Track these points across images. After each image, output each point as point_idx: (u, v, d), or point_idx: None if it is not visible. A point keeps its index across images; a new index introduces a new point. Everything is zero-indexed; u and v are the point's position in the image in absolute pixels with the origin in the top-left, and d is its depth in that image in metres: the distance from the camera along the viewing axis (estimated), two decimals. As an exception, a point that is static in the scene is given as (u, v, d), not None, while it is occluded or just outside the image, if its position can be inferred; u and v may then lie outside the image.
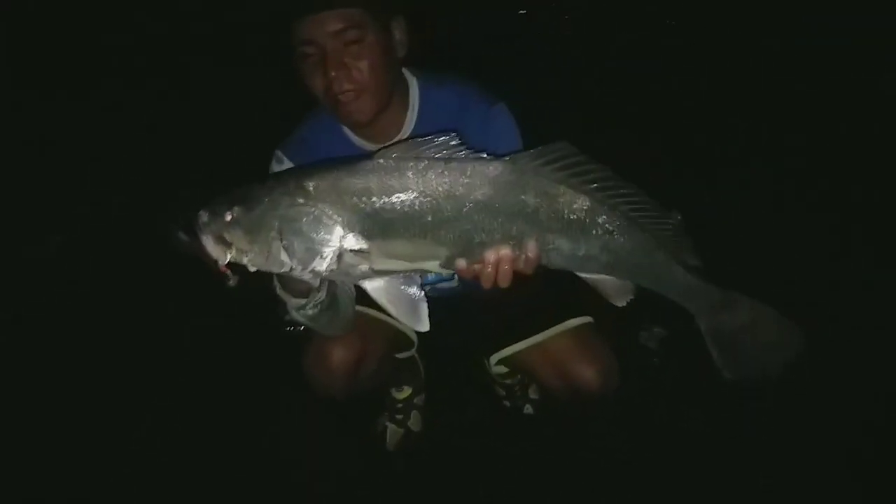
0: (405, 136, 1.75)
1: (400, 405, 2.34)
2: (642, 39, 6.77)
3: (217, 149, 4.50)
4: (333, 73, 1.56)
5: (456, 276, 1.97)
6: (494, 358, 2.08)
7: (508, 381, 2.38)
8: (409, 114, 1.78)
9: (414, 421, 2.35)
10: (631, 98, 5.99)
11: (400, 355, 2.23)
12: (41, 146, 4.71)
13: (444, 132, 1.22)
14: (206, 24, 6.20)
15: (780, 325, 1.47)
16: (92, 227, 3.78)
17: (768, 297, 1.45)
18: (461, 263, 1.29)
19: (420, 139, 1.22)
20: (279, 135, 1.88)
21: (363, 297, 1.82)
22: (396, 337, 2.08)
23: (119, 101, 5.47)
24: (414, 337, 2.15)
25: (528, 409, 2.40)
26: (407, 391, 2.35)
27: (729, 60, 6.05)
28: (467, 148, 1.22)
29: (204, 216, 1.24)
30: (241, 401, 2.48)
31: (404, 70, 1.80)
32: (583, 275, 1.42)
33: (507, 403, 2.43)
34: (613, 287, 1.44)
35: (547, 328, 1.95)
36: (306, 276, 1.28)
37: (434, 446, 2.32)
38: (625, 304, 1.48)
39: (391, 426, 2.32)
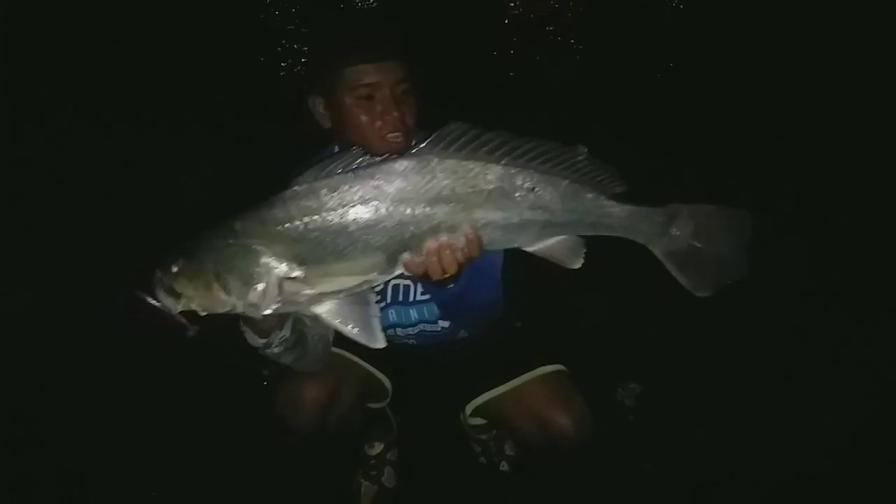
0: None
1: (373, 461, 2.39)
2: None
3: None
4: (396, 114, 1.72)
5: (440, 321, 2.08)
6: (469, 407, 2.15)
7: (483, 437, 2.43)
8: None
9: (388, 477, 2.39)
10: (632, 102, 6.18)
11: (372, 405, 2.29)
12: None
13: (349, 149, 1.34)
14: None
15: (725, 215, 1.51)
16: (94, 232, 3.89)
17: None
18: (405, 259, 1.37)
19: (327, 160, 1.33)
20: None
21: (342, 338, 1.92)
22: (370, 383, 2.15)
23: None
24: (389, 386, 2.21)
25: (504, 466, 2.44)
26: (379, 447, 2.40)
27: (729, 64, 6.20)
28: (371, 157, 1.33)
29: (157, 273, 1.36)
30: (208, 457, 2.51)
31: None
32: (531, 248, 1.47)
33: (483, 460, 2.47)
34: (563, 249, 1.48)
35: (521, 375, 2.03)
36: (250, 312, 1.36)
37: (409, 502, 2.37)
38: (580, 264, 1.48)
39: (365, 483, 2.36)
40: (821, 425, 2.51)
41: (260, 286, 1.33)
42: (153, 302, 1.35)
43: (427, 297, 2.03)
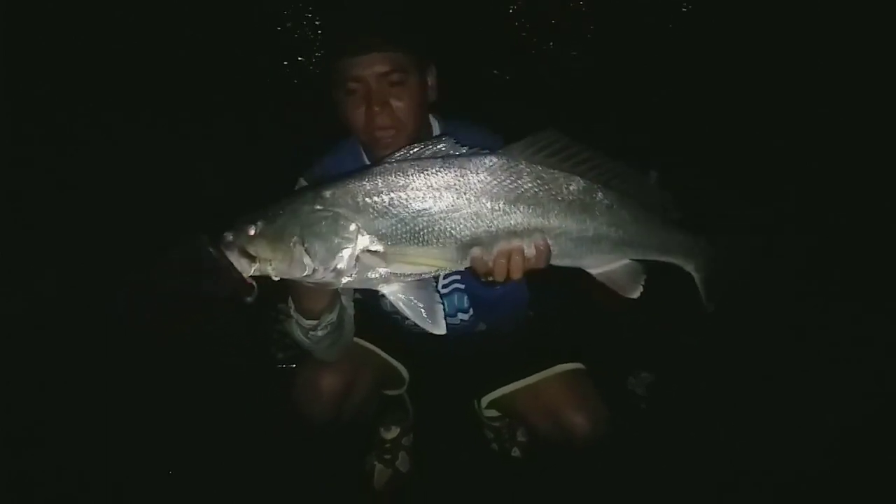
0: None
1: (388, 445, 2.44)
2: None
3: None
4: (377, 109, 1.74)
5: (459, 314, 2.14)
6: (485, 400, 2.21)
7: (497, 424, 2.49)
8: None
9: (402, 461, 2.45)
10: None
11: (389, 392, 2.35)
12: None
13: (441, 137, 1.39)
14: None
15: (745, 242, 1.68)
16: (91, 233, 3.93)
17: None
18: (475, 254, 1.41)
19: (420, 144, 1.39)
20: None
21: (360, 328, 1.99)
22: (387, 371, 2.21)
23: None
24: (405, 374, 2.28)
25: (516, 452, 2.51)
26: (395, 431, 2.46)
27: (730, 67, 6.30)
28: (462, 147, 1.38)
29: (228, 235, 1.39)
30: (229, 437, 2.57)
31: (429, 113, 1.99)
32: (595, 271, 1.55)
33: (495, 446, 2.54)
34: (625, 274, 1.56)
35: (538, 371, 2.08)
36: (329, 278, 1.40)
37: (421, 487, 2.43)
38: (639, 293, 1.57)
39: (379, 466, 2.42)
40: (821, 425, 2.57)
41: (345, 254, 1.37)
42: (221, 262, 1.36)
43: (448, 290, 2.09)
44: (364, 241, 1.37)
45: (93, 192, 4.64)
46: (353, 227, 1.37)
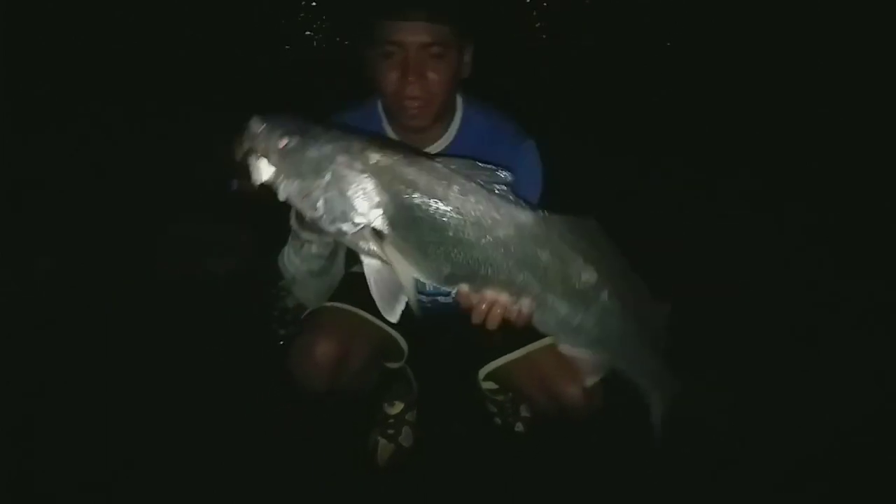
0: (438, 150, 1.96)
1: (391, 420, 2.45)
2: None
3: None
4: (412, 79, 1.75)
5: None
6: (482, 372, 2.21)
7: (499, 398, 2.50)
8: (448, 131, 1.99)
9: (405, 437, 2.45)
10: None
11: (390, 365, 2.36)
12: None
13: (503, 169, 1.38)
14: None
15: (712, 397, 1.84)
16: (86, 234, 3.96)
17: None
18: (462, 290, 1.45)
19: (482, 164, 1.38)
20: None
21: (357, 297, 2.00)
22: (385, 342, 2.19)
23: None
24: (405, 346, 2.26)
25: (519, 426, 2.52)
26: (399, 406, 2.47)
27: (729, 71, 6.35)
28: (514, 190, 1.38)
29: (258, 127, 1.35)
30: (230, 413, 2.58)
31: None
32: (565, 345, 1.62)
33: (499, 421, 2.55)
34: (589, 365, 1.66)
35: (531, 342, 2.07)
36: (331, 230, 1.39)
37: (425, 463, 2.43)
38: (592, 384, 1.72)
39: (382, 441, 2.42)
40: (821, 425, 2.55)
41: (358, 222, 1.36)
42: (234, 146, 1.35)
43: None
44: (377, 221, 1.37)
45: (93, 193, 4.66)
46: (377, 205, 1.35)
